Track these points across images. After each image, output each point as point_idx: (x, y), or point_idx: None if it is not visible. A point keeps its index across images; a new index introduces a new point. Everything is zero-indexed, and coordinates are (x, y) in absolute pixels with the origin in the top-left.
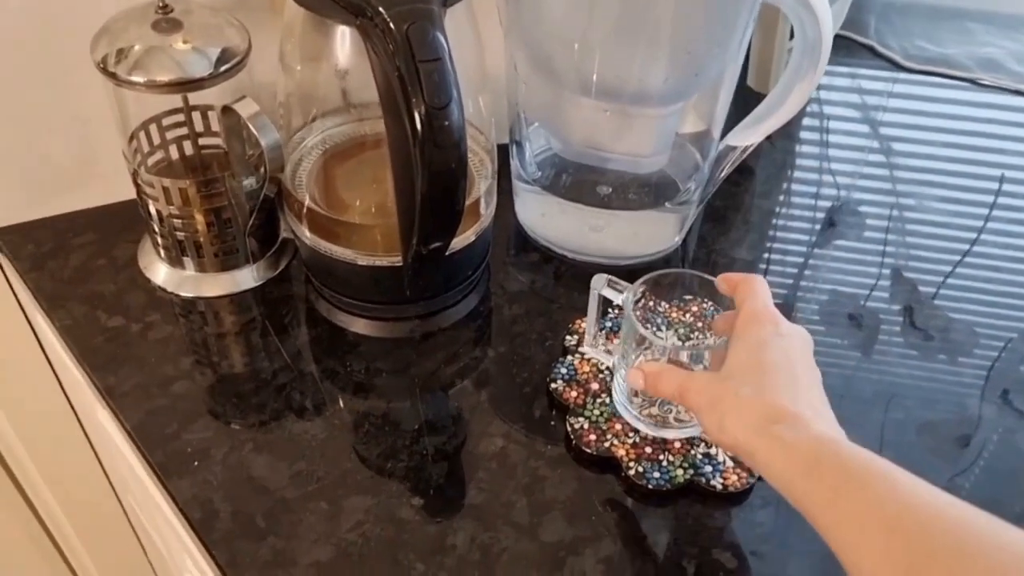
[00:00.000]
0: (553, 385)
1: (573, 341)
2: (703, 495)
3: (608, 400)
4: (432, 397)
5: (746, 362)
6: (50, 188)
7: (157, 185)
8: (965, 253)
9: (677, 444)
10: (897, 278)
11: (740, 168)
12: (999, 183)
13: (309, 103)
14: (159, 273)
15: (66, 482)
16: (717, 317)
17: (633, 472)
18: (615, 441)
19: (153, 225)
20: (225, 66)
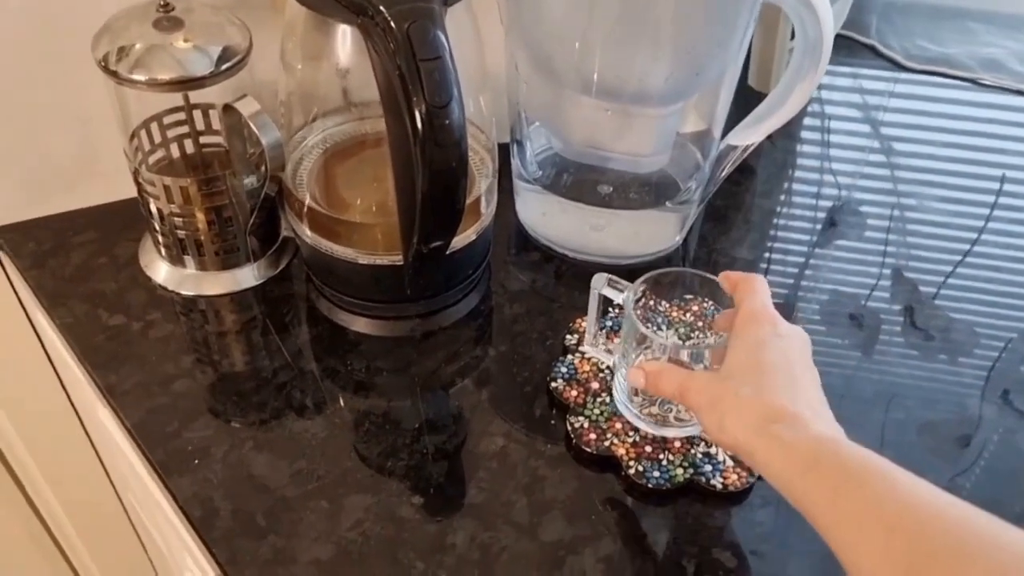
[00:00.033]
0: (553, 384)
1: (573, 340)
2: (703, 494)
3: (608, 399)
4: (432, 396)
5: (745, 362)
6: (51, 186)
7: (158, 183)
8: (966, 253)
9: (677, 443)
10: (898, 278)
11: (741, 167)
12: (1000, 183)
13: (310, 102)
14: (160, 271)
15: (67, 481)
16: (718, 315)
17: (633, 471)
18: (615, 440)
19: (154, 223)
20: (226, 65)
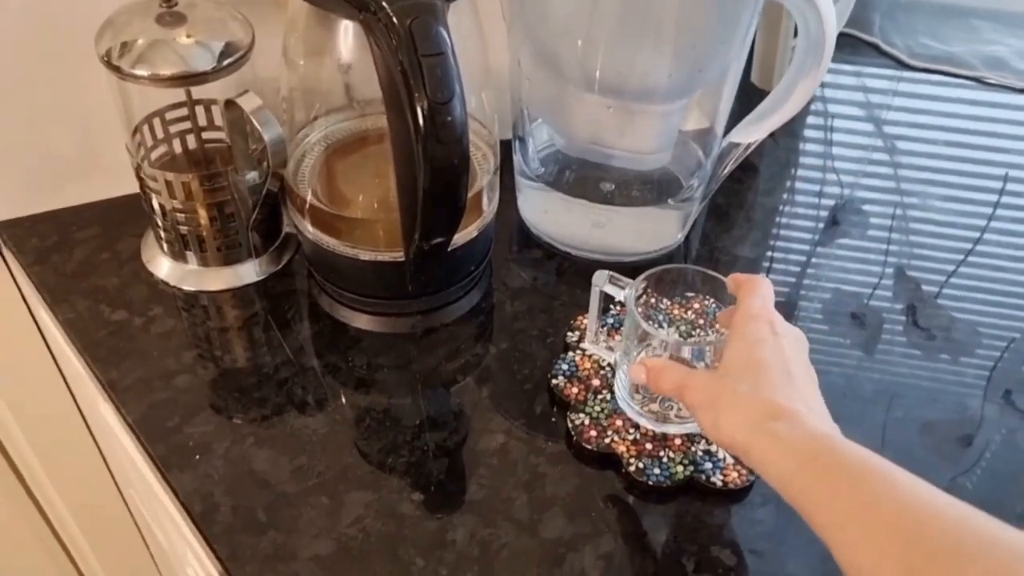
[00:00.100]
0: (554, 381)
1: (575, 337)
2: (703, 492)
3: (609, 396)
4: (433, 393)
5: (741, 359)
6: (54, 182)
7: (160, 179)
8: (968, 252)
9: (677, 441)
10: (900, 277)
11: (743, 165)
12: (1003, 182)
13: (312, 98)
14: (162, 267)
15: (72, 482)
16: (720, 313)
17: (633, 468)
18: (616, 437)
19: (156, 219)
20: (228, 60)
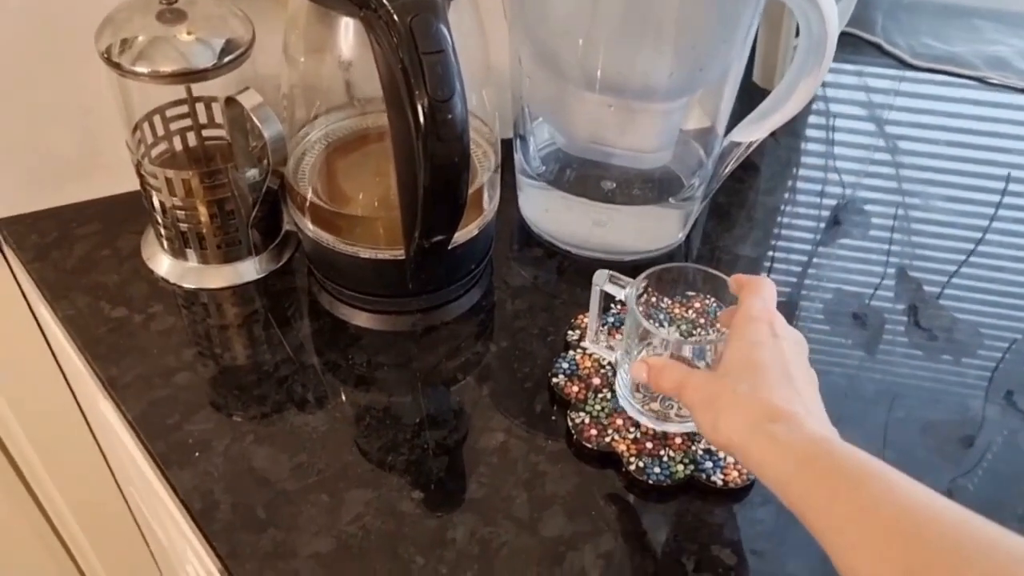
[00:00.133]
0: (554, 380)
1: (575, 336)
2: (703, 491)
3: (609, 395)
4: (433, 391)
5: (740, 360)
6: (54, 179)
7: (160, 176)
8: (970, 253)
9: (678, 440)
10: (902, 277)
11: (745, 165)
12: (1005, 182)
13: (313, 95)
14: (162, 264)
15: (72, 480)
16: (721, 312)
17: (634, 467)
18: (616, 436)
19: (156, 216)
20: (229, 57)
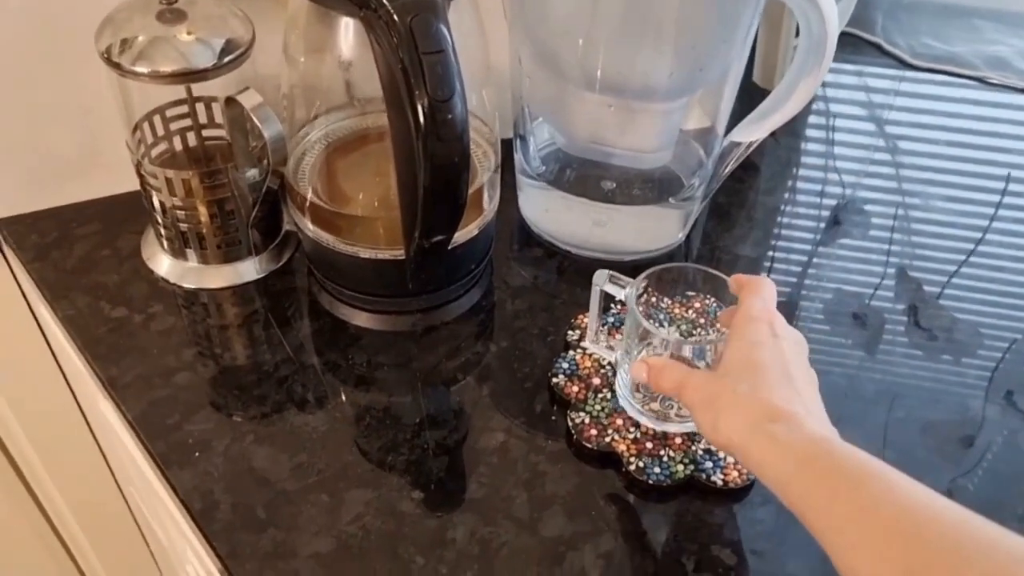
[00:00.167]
0: (554, 380)
1: (575, 336)
2: (703, 491)
3: (609, 395)
4: (433, 391)
5: (740, 360)
6: (54, 179)
7: (160, 176)
8: (970, 253)
9: (678, 440)
10: (902, 277)
11: (745, 165)
12: (1005, 182)
13: (313, 95)
14: (162, 264)
15: (72, 480)
16: (722, 312)
17: (634, 467)
18: (616, 436)
19: (156, 216)
20: (229, 57)
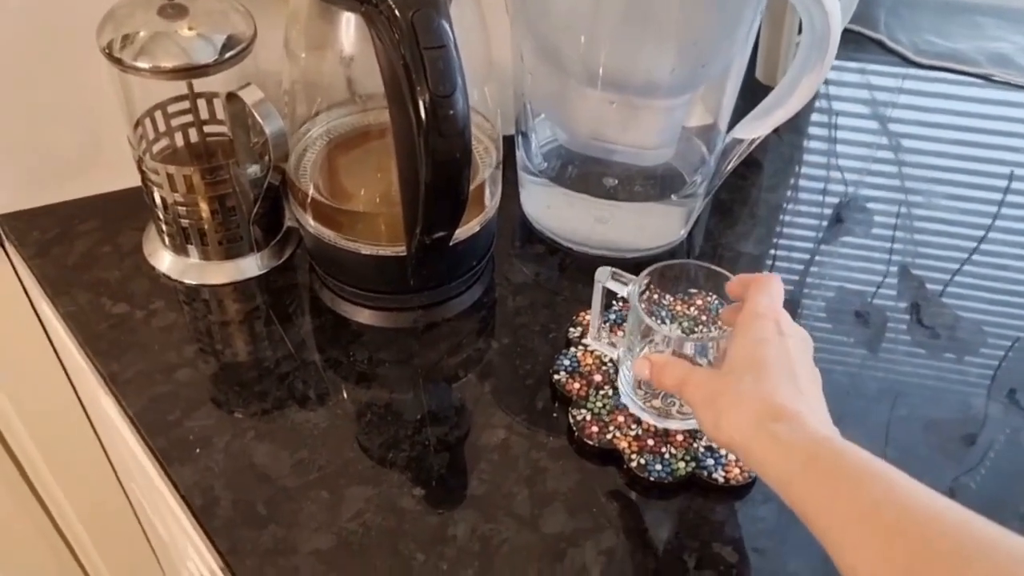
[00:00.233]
0: (556, 377)
1: (577, 333)
2: (705, 488)
3: (611, 392)
4: (435, 388)
5: (745, 358)
6: (55, 175)
7: (162, 172)
8: (973, 251)
9: (679, 437)
10: (904, 275)
11: (747, 161)
12: (1008, 180)
13: (314, 91)
14: (163, 260)
15: (74, 478)
16: (724, 309)
17: (635, 464)
18: (617, 433)
19: (158, 212)
20: (230, 53)
